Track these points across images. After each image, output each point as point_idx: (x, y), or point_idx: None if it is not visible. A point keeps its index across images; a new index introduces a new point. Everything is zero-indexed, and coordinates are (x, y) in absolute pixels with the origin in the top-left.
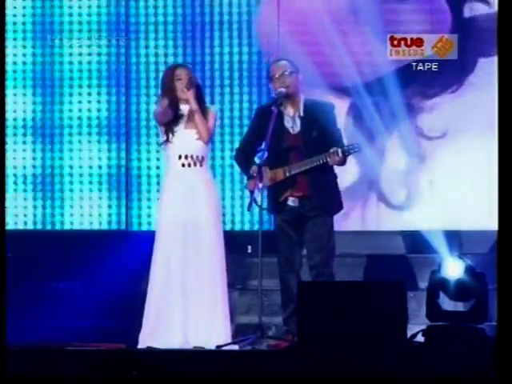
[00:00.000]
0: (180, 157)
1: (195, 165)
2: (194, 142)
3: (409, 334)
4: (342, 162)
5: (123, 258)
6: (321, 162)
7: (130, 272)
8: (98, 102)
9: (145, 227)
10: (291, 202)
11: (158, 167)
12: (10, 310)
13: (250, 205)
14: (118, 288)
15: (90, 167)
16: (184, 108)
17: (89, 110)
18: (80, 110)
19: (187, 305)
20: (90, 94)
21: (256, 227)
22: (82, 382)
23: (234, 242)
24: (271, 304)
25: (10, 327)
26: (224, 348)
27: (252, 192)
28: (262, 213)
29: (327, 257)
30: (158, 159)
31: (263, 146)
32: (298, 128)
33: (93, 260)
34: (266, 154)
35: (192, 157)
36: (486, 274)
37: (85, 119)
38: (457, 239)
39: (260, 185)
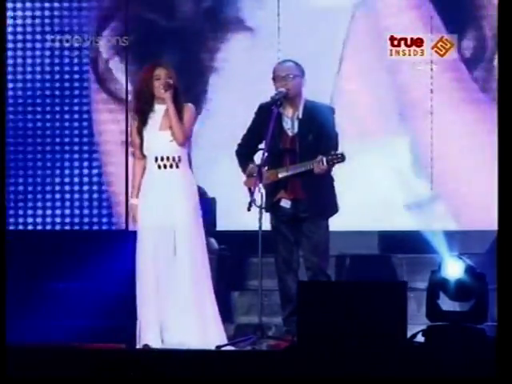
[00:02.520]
0: (156, 159)
1: (171, 166)
2: (169, 144)
3: (409, 334)
4: (327, 171)
5: (123, 257)
6: (308, 168)
7: (130, 272)
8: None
9: None
10: (284, 203)
11: None
12: (9, 310)
13: (249, 205)
14: (117, 288)
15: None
16: (159, 108)
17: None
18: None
19: (169, 306)
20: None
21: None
22: (81, 382)
23: (235, 242)
24: (271, 304)
25: (10, 327)
26: (224, 348)
27: (252, 192)
28: (262, 213)
29: (321, 259)
30: None
31: (263, 146)
32: (295, 130)
33: (93, 260)
34: (265, 154)
35: (168, 158)
36: (486, 274)
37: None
38: (457, 239)
39: (260, 185)
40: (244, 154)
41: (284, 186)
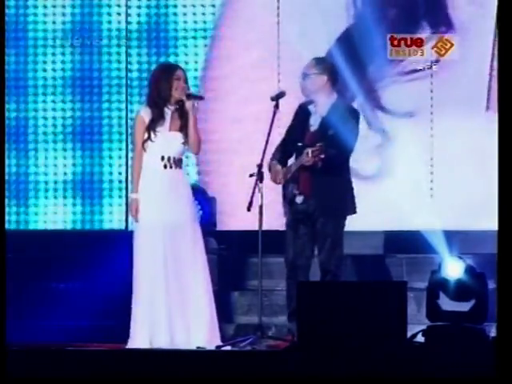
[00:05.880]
0: (163, 158)
1: (176, 167)
2: (177, 145)
3: (409, 334)
4: (314, 163)
5: (123, 257)
6: (301, 162)
7: (130, 272)
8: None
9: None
10: (298, 199)
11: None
12: (9, 310)
13: (249, 205)
14: (118, 288)
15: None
16: (172, 108)
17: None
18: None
19: (170, 306)
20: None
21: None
22: (81, 382)
23: (235, 242)
24: (271, 304)
25: (10, 327)
26: (224, 348)
27: (252, 192)
28: (262, 212)
29: (331, 258)
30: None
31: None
32: (316, 127)
33: (93, 260)
34: (265, 153)
35: (174, 159)
36: (485, 274)
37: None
38: (457, 239)
39: (260, 184)
40: (281, 152)
41: (297, 182)
